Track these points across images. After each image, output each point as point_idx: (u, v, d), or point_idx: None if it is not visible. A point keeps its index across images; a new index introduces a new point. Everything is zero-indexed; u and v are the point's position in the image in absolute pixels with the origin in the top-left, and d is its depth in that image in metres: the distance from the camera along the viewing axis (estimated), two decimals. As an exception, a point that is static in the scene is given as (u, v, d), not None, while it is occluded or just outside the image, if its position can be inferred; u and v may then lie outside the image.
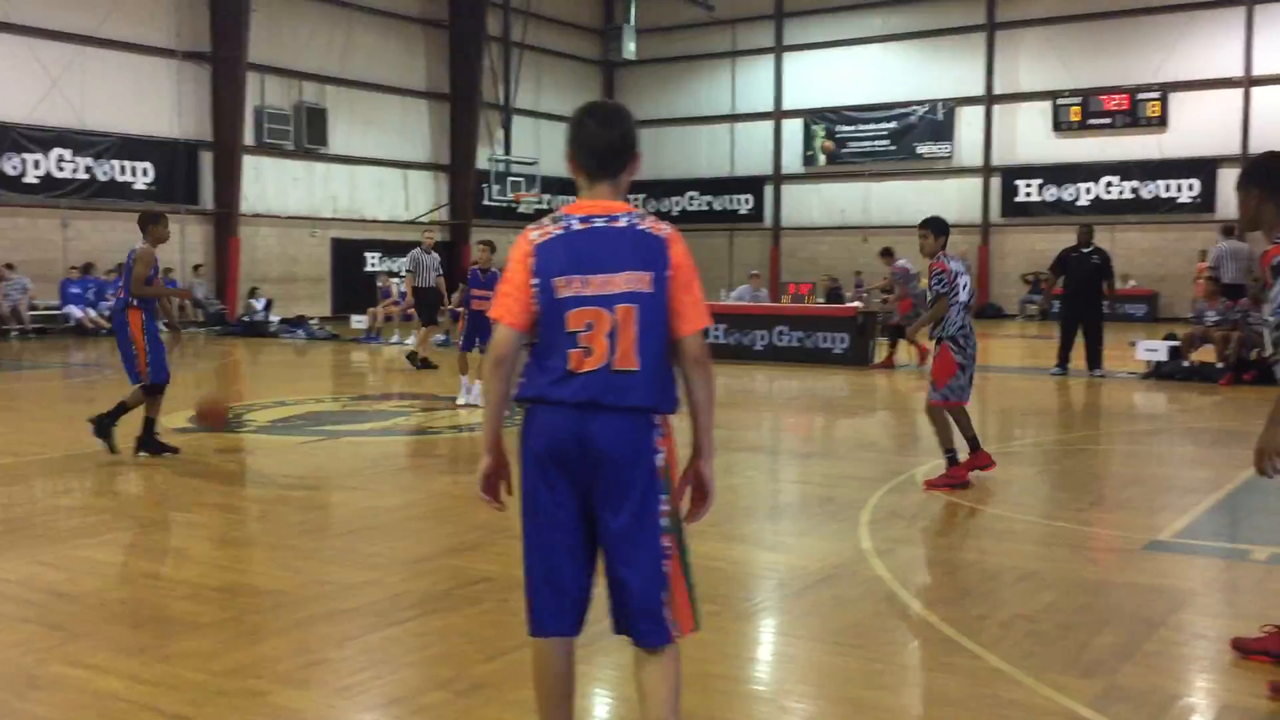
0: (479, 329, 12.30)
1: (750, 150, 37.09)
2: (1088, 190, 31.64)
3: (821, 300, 21.00)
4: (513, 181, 32.78)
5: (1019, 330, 27.15)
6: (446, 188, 33.39)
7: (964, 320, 8.08)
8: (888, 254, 18.26)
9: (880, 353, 17.56)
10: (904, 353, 17.64)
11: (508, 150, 33.36)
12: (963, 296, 8.06)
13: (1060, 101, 31.84)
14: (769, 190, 36.89)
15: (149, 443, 9.01)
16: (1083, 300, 15.74)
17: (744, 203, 37.34)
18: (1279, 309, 4.09)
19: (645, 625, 3.17)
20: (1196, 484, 8.34)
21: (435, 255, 17.15)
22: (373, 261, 30.98)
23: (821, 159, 35.83)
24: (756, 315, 18.70)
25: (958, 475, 8.03)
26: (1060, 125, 31.96)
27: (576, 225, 3.17)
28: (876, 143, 34.81)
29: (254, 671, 4.38)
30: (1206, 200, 29.99)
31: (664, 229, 3.19)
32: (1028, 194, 32.68)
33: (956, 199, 33.63)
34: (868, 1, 34.51)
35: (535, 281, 3.12)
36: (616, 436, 3.09)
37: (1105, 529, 7.05)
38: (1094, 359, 15.79)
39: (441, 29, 32.65)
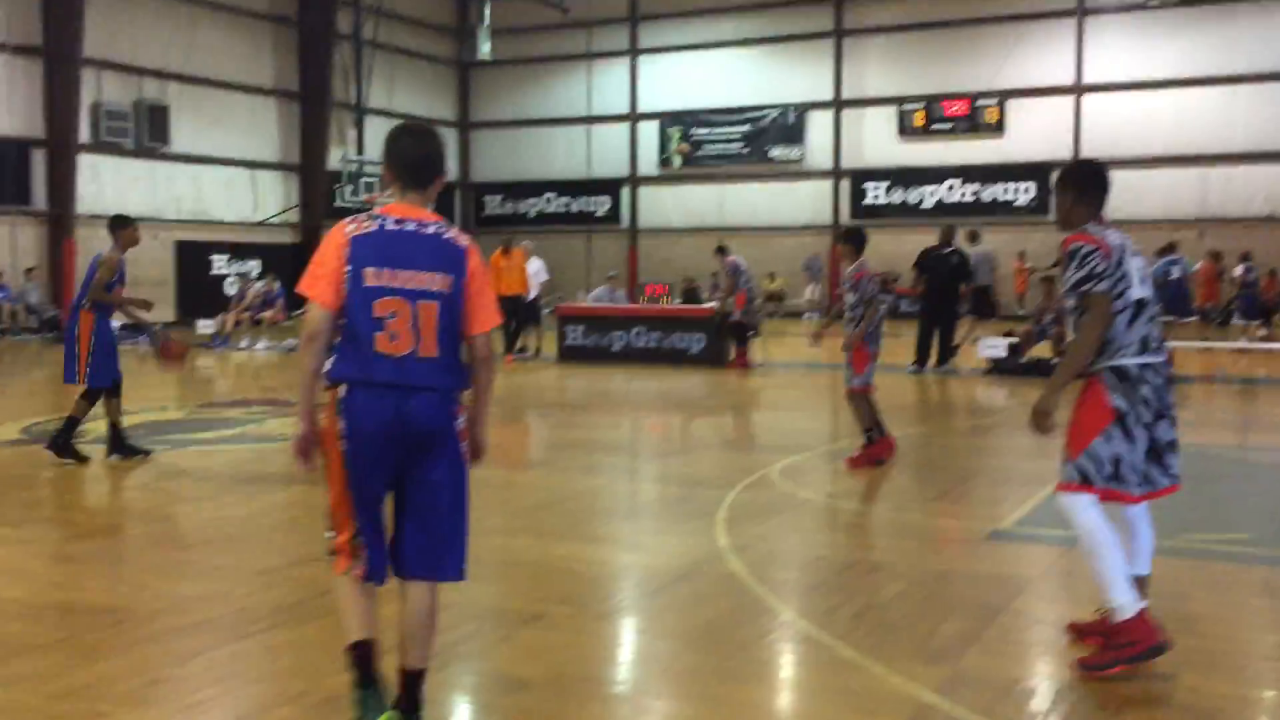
0: None
1: (607, 152, 37.21)
2: (932, 193, 32.70)
3: (678, 301, 21.17)
4: (366, 182, 32.17)
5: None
6: (298, 188, 32.54)
7: (880, 318, 9.12)
8: (721, 251, 18.53)
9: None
10: (758, 351, 17.94)
11: (360, 150, 32.72)
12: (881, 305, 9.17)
13: (905, 107, 32.85)
14: (626, 192, 37.08)
15: (62, 442, 8.81)
16: (942, 299, 16.10)
17: (601, 204, 37.45)
18: (1072, 289, 4.45)
19: (449, 562, 3.74)
20: (1035, 475, 8.68)
21: None
22: (220, 264, 30.02)
23: (677, 161, 36.19)
24: (614, 317, 18.77)
25: (875, 453, 8.86)
26: (905, 130, 32.97)
27: (390, 225, 3.64)
28: (730, 145, 35.32)
29: (92, 693, 4.19)
30: (1042, 202, 31.31)
31: (464, 240, 3.70)
32: (875, 196, 33.61)
33: (808, 201, 34.38)
34: (720, 7, 34.99)
35: (348, 269, 3.58)
36: (430, 412, 3.62)
37: (950, 520, 7.30)
38: (944, 354, 16.29)
39: (290, 26, 31.83)
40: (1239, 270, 22.93)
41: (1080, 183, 4.65)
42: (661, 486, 8.74)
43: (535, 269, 19.10)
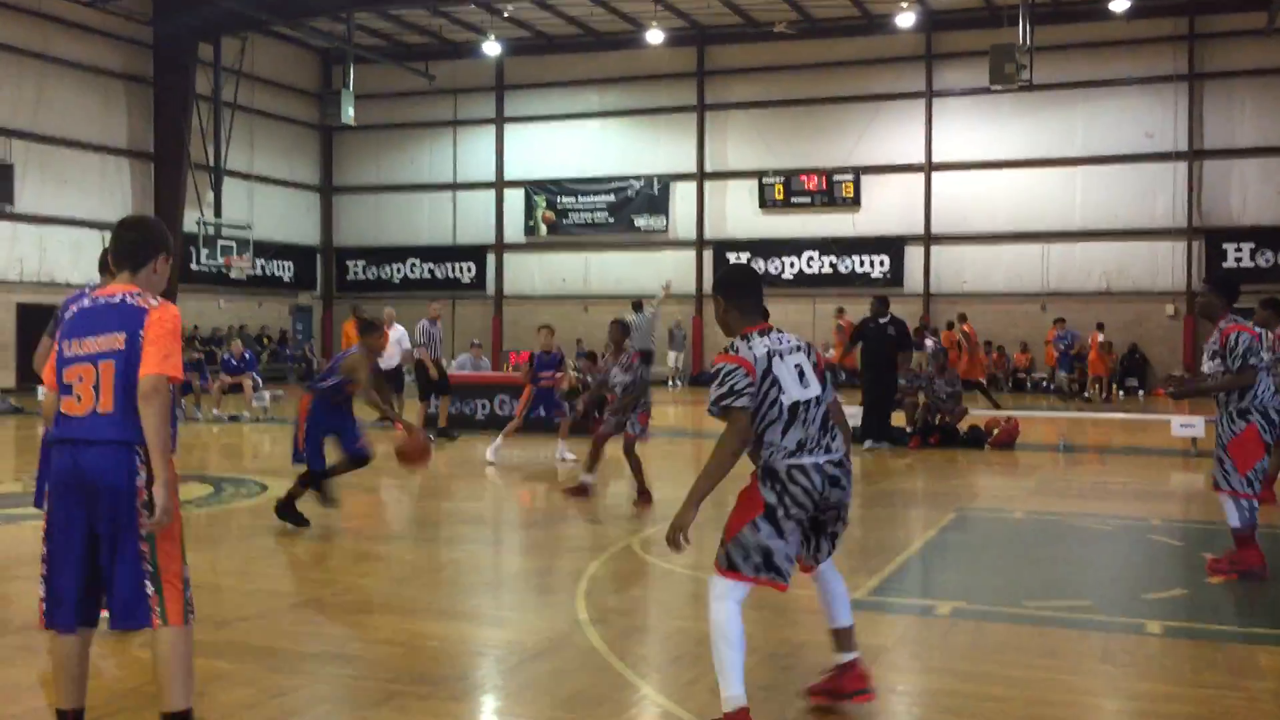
0: (543, 402, 14.85)
1: (473, 219, 37.20)
2: (791, 264, 33.56)
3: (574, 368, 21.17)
4: (223, 245, 31.46)
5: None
6: (150, 251, 31.56)
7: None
8: (634, 312, 18.77)
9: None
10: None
11: (218, 213, 32.03)
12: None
13: (765, 180, 33.75)
14: (491, 259, 37.07)
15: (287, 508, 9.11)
16: (879, 370, 15.71)
17: (466, 271, 37.33)
18: (714, 404, 4.52)
19: (126, 613, 4.00)
20: (889, 543, 8.91)
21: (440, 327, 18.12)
22: (65, 328, 28.83)
23: (543, 229, 36.38)
24: (478, 384, 18.65)
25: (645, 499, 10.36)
26: (766, 202, 33.84)
27: (87, 303, 4.16)
28: (596, 214, 35.70)
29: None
30: (896, 274, 32.44)
31: (151, 303, 4.09)
32: (738, 267, 34.26)
33: (672, 270, 34.84)
34: (585, 79, 35.52)
35: (57, 345, 4.10)
36: (103, 465, 3.93)
37: (807, 590, 7.40)
38: (882, 430, 15.57)
39: (146, 85, 31.10)
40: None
41: (728, 290, 4.79)
42: (524, 558, 8.68)
43: (397, 336, 18.89)
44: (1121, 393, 28.39)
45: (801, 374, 4.62)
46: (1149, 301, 29.89)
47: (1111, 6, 28.11)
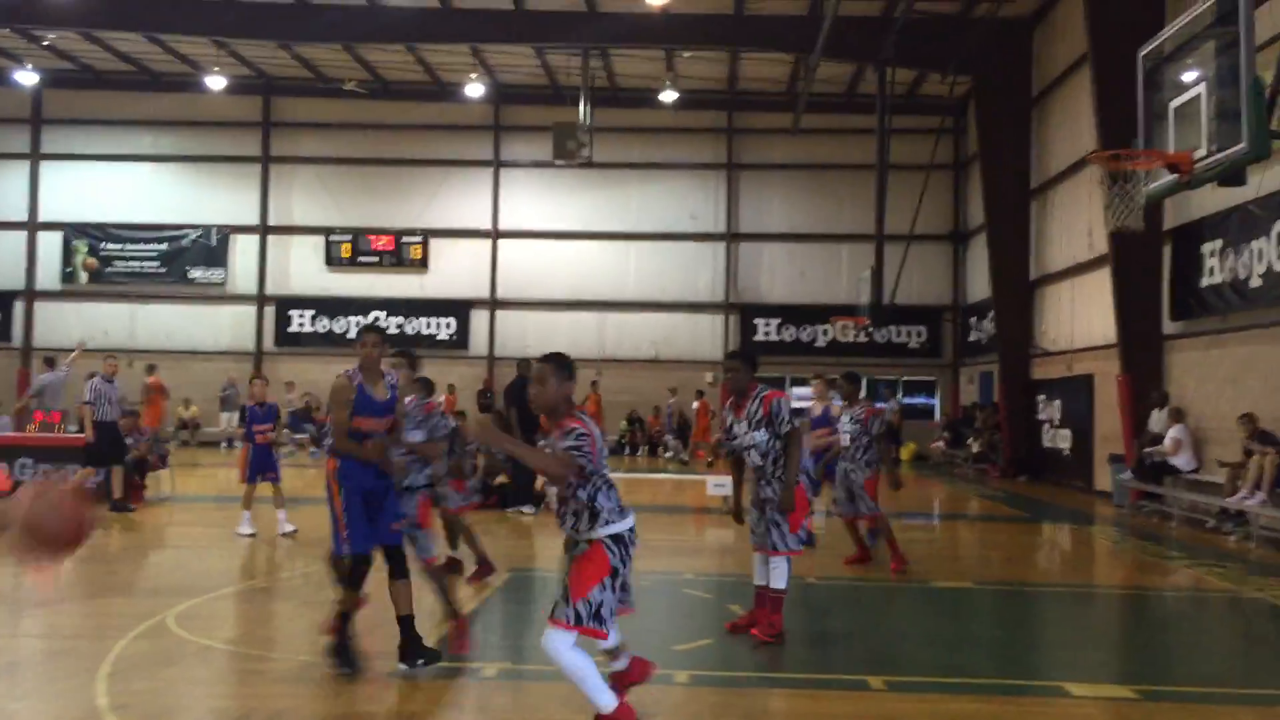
0: (262, 461, 12.99)
1: (0, 262, 33.54)
2: (358, 323, 33.04)
3: (74, 429, 19.31)
4: None
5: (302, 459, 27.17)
6: None
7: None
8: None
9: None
10: (166, 484, 16.86)
11: None
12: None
13: (333, 238, 33.14)
14: (20, 306, 33.53)
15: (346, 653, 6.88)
16: (527, 431, 15.26)
17: (-11, 319, 33.50)
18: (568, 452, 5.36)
19: None
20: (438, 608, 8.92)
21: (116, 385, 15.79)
22: None
23: (83, 276, 33.45)
24: (-4, 446, 16.71)
25: (487, 569, 10.01)
26: (333, 260, 33.20)
27: None
28: (146, 264, 33.36)
29: None
30: (462, 337, 32.90)
31: None
32: (300, 324, 33.33)
33: (230, 326, 33.28)
34: (139, 119, 33.29)
35: None
36: None
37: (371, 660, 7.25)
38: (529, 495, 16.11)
39: None
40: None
41: (570, 373, 5.52)
42: (39, 641, 7.83)
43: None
44: (669, 453, 30.37)
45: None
46: (692, 369, 32.30)
47: (661, 97, 30.44)
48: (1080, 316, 22.27)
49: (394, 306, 33.02)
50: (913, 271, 29.26)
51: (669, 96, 30.34)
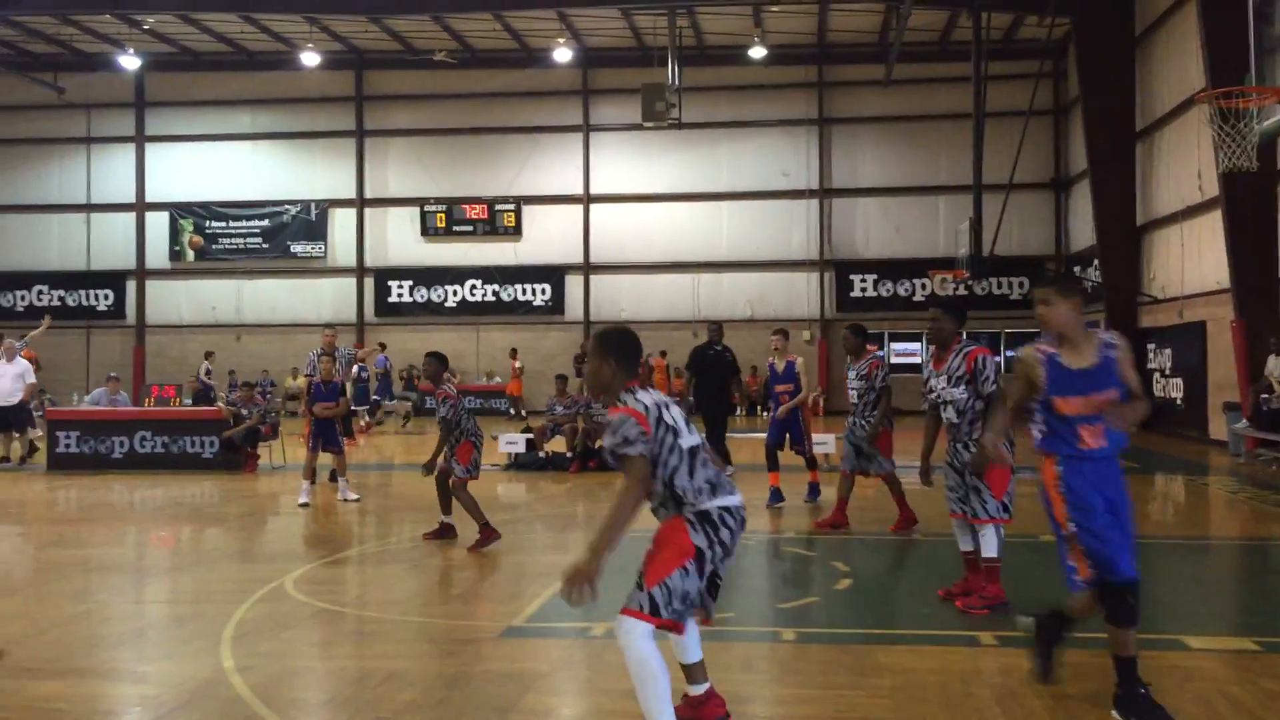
0: (325, 434, 13.57)
1: (110, 243, 34.69)
2: (455, 292, 33.53)
3: (189, 402, 20.01)
4: None
5: (395, 427, 27.75)
6: None
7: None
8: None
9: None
10: (268, 455, 17.36)
11: None
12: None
13: (427, 208, 33.59)
14: (131, 286, 34.68)
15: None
16: (715, 398, 15.56)
17: (103, 299, 34.71)
18: (611, 455, 4.58)
19: None
20: (548, 568, 9.05)
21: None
22: None
23: (190, 254, 34.45)
24: (114, 420, 17.36)
25: (489, 536, 9.88)
26: (428, 230, 33.67)
27: None
28: (249, 240, 34.22)
29: None
30: (557, 303, 33.13)
31: None
32: (400, 294, 33.90)
33: (331, 298, 33.99)
34: (237, 99, 34.06)
35: None
36: None
37: (466, 620, 7.41)
38: (719, 454, 15.73)
39: None
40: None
41: (619, 351, 4.66)
42: (165, 606, 8.14)
43: (20, 370, 17.33)
44: (766, 413, 30.19)
45: (686, 422, 4.65)
46: (788, 327, 32.01)
47: (751, 53, 30.09)
48: (1191, 262, 21.57)
49: (489, 274, 33.39)
50: (1012, 221, 28.65)
51: (758, 53, 30.00)
